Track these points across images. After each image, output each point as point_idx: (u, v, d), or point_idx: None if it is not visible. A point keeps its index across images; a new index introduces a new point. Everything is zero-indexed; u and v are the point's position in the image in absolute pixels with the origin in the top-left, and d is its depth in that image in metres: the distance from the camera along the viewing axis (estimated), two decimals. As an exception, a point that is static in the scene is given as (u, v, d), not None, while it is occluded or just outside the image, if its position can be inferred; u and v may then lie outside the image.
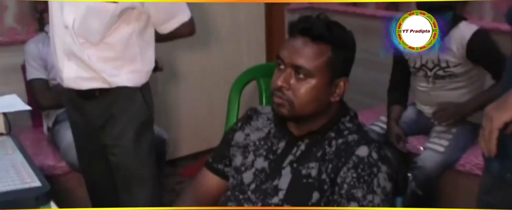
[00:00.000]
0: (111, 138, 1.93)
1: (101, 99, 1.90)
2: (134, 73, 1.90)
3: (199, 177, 1.50)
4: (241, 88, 2.21)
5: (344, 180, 1.24)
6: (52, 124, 2.64)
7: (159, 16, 1.87)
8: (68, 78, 1.89)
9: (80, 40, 1.82)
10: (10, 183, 1.34)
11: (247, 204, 1.33)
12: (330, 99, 1.31)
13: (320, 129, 1.33)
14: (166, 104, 3.23)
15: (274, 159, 1.35)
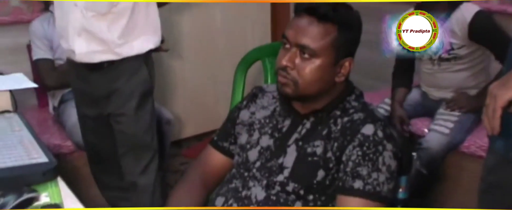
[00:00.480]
0: (116, 107, 2.04)
1: (108, 70, 2.00)
2: (142, 39, 2.00)
3: (203, 155, 1.51)
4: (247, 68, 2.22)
5: (349, 158, 1.24)
6: (58, 103, 2.65)
7: None
8: (80, 53, 1.98)
9: (89, 14, 1.91)
10: (18, 159, 1.35)
11: (252, 182, 1.34)
12: (334, 79, 1.31)
13: (325, 107, 1.33)
14: (171, 85, 3.24)
15: (279, 137, 1.36)
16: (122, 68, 2.00)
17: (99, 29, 1.93)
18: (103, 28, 1.93)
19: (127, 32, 1.96)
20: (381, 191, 1.22)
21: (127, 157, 2.11)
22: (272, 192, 1.30)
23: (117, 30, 1.94)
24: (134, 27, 1.97)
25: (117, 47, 1.96)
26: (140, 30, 1.99)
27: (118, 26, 1.94)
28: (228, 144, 1.47)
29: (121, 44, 1.96)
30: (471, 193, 1.55)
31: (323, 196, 1.28)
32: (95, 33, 1.94)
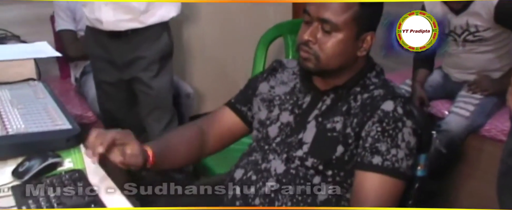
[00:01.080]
0: (139, 71, 2.12)
1: (132, 37, 2.07)
2: (165, 7, 2.06)
3: (215, 113, 1.51)
4: (268, 44, 2.22)
5: (369, 133, 1.24)
6: (80, 74, 2.69)
7: None
8: (107, 22, 2.04)
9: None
10: (42, 125, 1.38)
11: (272, 155, 1.35)
12: (356, 54, 1.30)
13: (345, 83, 1.32)
14: (192, 60, 3.25)
15: (299, 113, 1.36)
16: (145, 35, 2.07)
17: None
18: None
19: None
20: (399, 167, 1.22)
21: (150, 118, 2.21)
22: (292, 166, 1.31)
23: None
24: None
25: (142, 14, 2.01)
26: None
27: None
28: (246, 109, 1.47)
29: (145, 11, 2.01)
30: (489, 176, 1.54)
31: (341, 171, 1.29)
32: (122, 2, 1.98)
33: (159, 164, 1.31)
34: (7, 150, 1.28)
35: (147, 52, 2.12)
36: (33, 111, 1.46)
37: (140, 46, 2.10)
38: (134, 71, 2.15)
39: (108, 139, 1.16)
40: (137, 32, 2.07)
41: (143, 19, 2.04)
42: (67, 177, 1.18)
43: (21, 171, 1.20)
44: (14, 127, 1.34)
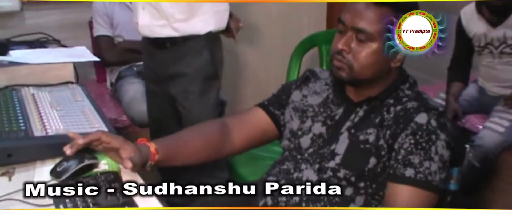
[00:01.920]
0: (179, 89, 2.05)
1: (171, 50, 2.02)
2: (203, 19, 1.99)
3: (247, 112, 1.52)
4: (302, 54, 2.22)
5: (402, 146, 1.24)
6: (115, 79, 2.74)
7: None
8: (142, 26, 2.03)
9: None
10: (80, 127, 1.41)
11: (305, 164, 1.35)
12: (390, 64, 1.30)
13: (378, 95, 1.32)
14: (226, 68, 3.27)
15: (332, 125, 1.36)
16: (183, 49, 2.02)
17: (162, 3, 1.95)
18: (166, 2, 1.94)
19: (189, 9, 1.97)
20: (432, 180, 1.21)
21: None
22: (324, 177, 1.31)
23: (179, 5, 1.95)
24: (197, 5, 1.97)
25: (176, 22, 1.97)
26: (202, 9, 1.99)
27: (180, 2, 1.95)
28: (279, 113, 1.47)
29: (180, 20, 1.97)
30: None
31: (374, 183, 1.28)
32: (158, 7, 1.96)
33: (167, 160, 1.33)
34: (46, 150, 1.32)
35: (185, 68, 2.04)
36: (71, 113, 1.50)
37: (178, 61, 2.04)
38: (174, 88, 2.09)
39: (92, 136, 1.22)
40: (175, 45, 2.03)
41: (177, 26, 1.99)
42: (102, 178, 1.21)
43: (59, 171, 1.23)
44: (53, 128, 1.38)
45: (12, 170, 1.28)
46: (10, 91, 1.64)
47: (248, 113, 1.51)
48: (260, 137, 1.48)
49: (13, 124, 1.38)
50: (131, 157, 1.21)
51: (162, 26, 2.00)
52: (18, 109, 1.48)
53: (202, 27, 2.01)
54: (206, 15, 2.01)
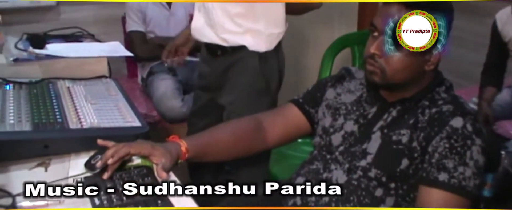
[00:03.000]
0: (227, 101, 1.97)
1: (222, 59, 1.94)
2: (254, 34, 1.88)
3: (281, 108, 1.53)
4: (334, 55, 2.21)
5: (436, 149, 1.22)
6: (146, 75, 2.77)
7: None
8: (194, 28, 1.97)
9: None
10: (113, 121, 1.43)
11: (334, 165, 1.35)
12: (423, 68, 1.28)
13: (413, 96, 1.31)
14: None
15: (364, 123, 1.35)
16: (233, 59, 1.92)
17: (214, 9, 1.87)
18: (217, 10, 1.86)
19: (242, 23, 1.86)
20: (466, 185, 1.19)
21: None
22: (354, 177, 1.31)
23: (230, 17, 1.86)
24: (249, 18, 1.86)
25: (225, 33, 1.88)
26: (255, 29, 1.87)
27: (232, 13, 1.85)
28: (313, 111, 1.47)
29: (230, 32, 1.87)
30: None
31: (405, 185, 1.27)
32: (210, 12, 1.88)
33: (198, 157, 1.34)
34: (81, 143, 1.34)
35: (236, 79, 1.94)
36: (105, 107, 1.52)
37: (230, 71, 1.94)
38: (223, 99, 1.98)
39: (120, 154, 1.21)
40: (226, 53, 1.91)
41: (226, 37, 1.88)
42: (136, 172, 1.22)
43: (93, 164, 1.25)
44: (88, 121, 1.40)
45: (48, 161, 1.31)
46: (47, 83, 1.68)
47: (282, 109, 1.52)
48: (293, 133, 1.50)
49: (50, 116, 1.40)
50: (162, 164, 1.22)
51: (210, 32, 1.91)
52: (54, 102, 1.51)
53: (251, 45, 1.89)
54: (258, 36, 1.89)
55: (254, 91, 1.94)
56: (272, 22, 1.90)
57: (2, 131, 1.29)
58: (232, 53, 1.91)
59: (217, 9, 1.87)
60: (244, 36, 1.88)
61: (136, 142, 1.28)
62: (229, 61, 1.93)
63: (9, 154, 1.28)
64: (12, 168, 1.27)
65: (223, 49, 1.92)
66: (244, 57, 1.90)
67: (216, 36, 1.90)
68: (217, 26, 1.88)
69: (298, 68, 3.41)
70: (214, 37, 1.91)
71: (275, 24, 1.91)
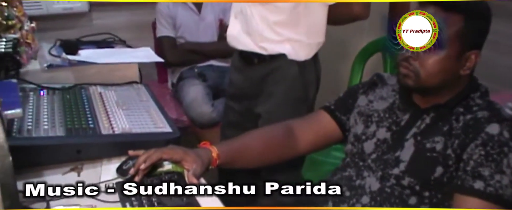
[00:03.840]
0: (264, 110, 1.94)
1: (259, 68, 1.91)
2: (293, 43, 1.85)
3: (312, 115, 1.52)
4: (365, 59, 2.18)
5: (471, 157, 1.19)
6: (177, 80, 2.79)
7: None
8: (230, 35, 1.95)
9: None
10: (144, 126, 1.44)
11: (367, 172, 1.33)
12: (459, 72, 1.26)
13: (447, 103, 1.28)
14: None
15: (397, 130, 1.33)
16: (271, 67, 1.88)
17: (252, 17, 1.84)
18: (256, 17, 1.83)
19: (281, 31, 1.84)
20: (503, 194, 1.16)
21: None
22: (387, 184, 1.29)
23: (269, 25, 1.83)
24: (289, 27, 1.83)
25: (263, 41, 1.84)
26: (295, 34, 1.84)
27: (271, 21, 1.82)
28: (345, 118, 1.46)
29: (268, 40, 1.84)
30: None
31: (439, 193, 1.25)
32: (249, 20, 1.85)
33: (229, 164, 1.34)
34: (112, 148, 1.35)
35: (274, 88, 1.90)
36: (136, 113, 1.53)
37: (267, 79, 1.90)
38: (259, 107, 1.95)
39: (153, 159, 1.22)
40: (264, 61, 1.88)
41: (264, 45, 1.85)
42: (166, 178, 1.23)
43: (125, 169, 1.26)
44: (120, 126, 1.41)
45: (80, 166, 1.32)
46: (79, 89, 1.70)
47: (313, 116, 1.51)
48: (324, 140, 1.48)
49: (82, 121, 1.42)
50: (193, 171, 1.22)
51: (249, 40, 1.88)
52: (86, 107, 1.53)
53: (291, 54, 1.86)
54: (298, 45, 1.86)
55: (292, 100, 1.91)
56: (313, 31, 1.87)
57: (36, 136, 1.32)
58: (270, 61, 1.88)
59: (256, 16, 1.83)
60: (284, 45, 1.85)
61: (168, 147, 1.29)
62: (267, 70, 1.90)
63: (43, 159, 1.30)
64: (46, 172, 1.29)
65: (261, 58, 1.89)
66: (283, 65, 1.87)
67: (254, 44, 1.87)
68: (256, 34, 1.85)
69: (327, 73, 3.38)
70: (251, 45, 1.87)
71: (315, 34, 1.89)
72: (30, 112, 1.44)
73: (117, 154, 1.34)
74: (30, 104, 1.51)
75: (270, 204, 1.34)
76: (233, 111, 2.08)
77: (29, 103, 1.51)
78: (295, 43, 1.85)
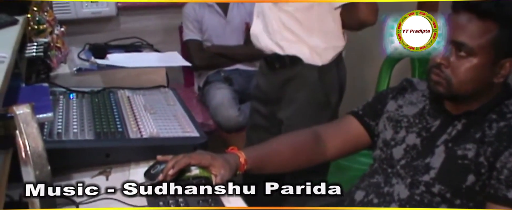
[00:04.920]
0: (286, 115, 1.94)
1: (281, 72, 1.91)
2: (310, 48, 1.86)
3: (340, 121, 1.51)
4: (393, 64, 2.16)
5: (505, 165, 1.17)
6: (203, 84, 2.79)
7: None
8: (252, 34, 1.97)
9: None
10: (172, 130, 1.44)
11: (396, 179, 1.31)
12: (492, 80, 1.23)
13: (479, 109, 1.26)
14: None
15: (427, 136, 1.31)
16: (292, 72, 1.89)
17: (273, 16, 1.86)
18: (275, 16, 1.85)
19: (297, 37, 1.85)
20: (538, 204, 1.13)
21: None
22: (416, 192, 1.27)
23: (285, 29, 1.84)
24: (304, 33, 1.84)
25: (282, 40, 1.86)
26: (312, 40, 1.85)
27: (287, 26, 1.84)
28: (374, 124, 1.44)
29: (286, 39, 1.86)
30: None
31: (471, 202, 1.22)
32: (269, 19, 1.87)
33: (256, 169, 1.33)
34: (140, 152, 1.36)
35: (295, 93, 1.90)
36: (164, 117, 1.54)
37: (289, 84, 1.91)
38: (282, 113, 1.95)
39: (181, 164, 1.22)
40: (285, 66, 1.89)
41: (283, 44, 1.87)
42: (194, 183, 1.23)
43: (153, 173, 1.26)
44: (148, 130, 1.42)
45: (109, 170, 1.33)
46: (108, 93, 1.71)
47: (341, 122, 1.50)
48: (352, 146, 1.47)
49: (111, 125, 1.43)
50: (221, 176, 1.22)
51: (267, 39, 1.90)
52: (115, 111, 1.54)
53: (307, 58, 1.87)
54: (314, 49, 1.87)
55: (313, 105, 1.91)
56: (328, 36, 1.87)
57: (66, 139, 1.33)
58: (290, 66, 1.89)
59: (273, 18, 1.87)
60: (300, 47, 1.87)
61: (196, 152, 1.29)
62: (288, 75, 1.91)
63: (73, 162, 1.31)
64: (75, 176, 1.30)
65: (282, 62, 1.90)
66: (303, 71, 1.88)
67: (272, 42, 1.89)
68: (274, 33, 1.87)
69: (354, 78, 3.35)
70: (270, 43, 1.90)
71: (330, 38, 1.88)
72: (60, 116, 1.46)
73: (145, 158, 1.35)
74: (60, 107, 1.53)
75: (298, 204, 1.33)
76: (259, 114, 2.09)
77: (59, 107, 1.53)
78: (310, 47, 1.87)
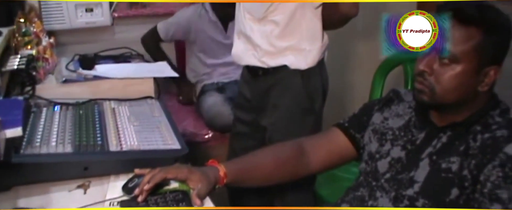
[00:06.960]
0: (270, 122, 1.94)
1: (264, 80, 1.91)
2: (295, 52, 1.85)
3: (325, 133, 1.48)
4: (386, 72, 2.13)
5: (488, 178, 1.13)
6: (198, 94, 2.76)
7: None
8: (234, 54, 1.97)
9: (247, 16, 1.88)
10: (153, 143, 1.42)
11: (380, 192, 1.29)
12: (477, 88, 1.20)
13: (464, 121, 1.23)
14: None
15: (412, 149, 1.28)
16: (274, 79, 1.89)
17: (252, 33, 1.87)
18: (256, 33, 1.86)
19: (279, 44, 1.84)
20: (522, 219, 1.10)
21: None
22: (400, 206, 1.24)
23: (268, 38, 1.84)
24: (288, 37, 1.84)
25: (264, 56, 1.86)
26: (296, 42, 1.84)
27: (270, 34, 1.84)
28: (360, 136, 1.42)
29: (269, 53, 1.86)
30: None
31: (455, 216, 1.19)
32: (249, 37, 1.88)
33: (237, 183, 1.32)
34: (120, 164, 1.34)
35: (278, 100, 1.90)
36: (146, 129, 1.52)
37: (272, 91, 1.90)
38: (265, 120, 1.95)
39: (156, 179, 1.20)
40: (268, 73, 1.89)
41: (265, 60, 1.87)
42: (171, 197, 1.21)
43: (130, 187, 1.24)
44: (128, 143, 1.40)
45: (87, 183, 1.31)
46: (93, 104, 1.70)
47: (326, 134, 1.47)
48: (338, 158, 1.45)
49: (91, 138, 1.41)
50: (198, 190, 1.20)
51: (251, 56, 1.90)
52: (97, 123, 1.52)
53: (292, 63, 1.86)
54: (298, 53, 1.86)
55: (298, 111, 1.90)
56: (309, 37, 1.85)
57: (43, 153, 1.31)
58: (273, 73, 1.88)
59: (255, 32, 1.86)
60: (284, 56, 1.86)
61: (174, 166, 1.26)
62: (271, 82, 1.90)
63: (50, 176, 1.29)
64: (52, 189, 1.28)
65: (264, 70, 1.90)
66: (286, 76, 1.87)
67: (256, 59, 1.89)
68: (257, 49, 1.87)
69: (344, 85, 3.33)
70: (254, 60, 1.89)
71: (312, 39, 1.86)
72: (40, 128, 1.44)
73: (124, 171, 1.33)
74: (41, 120, 1.51)
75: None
76: (241, 121, 2.08)
77: (41, 119, 1.52)
78: (294, 51, 1.85)
